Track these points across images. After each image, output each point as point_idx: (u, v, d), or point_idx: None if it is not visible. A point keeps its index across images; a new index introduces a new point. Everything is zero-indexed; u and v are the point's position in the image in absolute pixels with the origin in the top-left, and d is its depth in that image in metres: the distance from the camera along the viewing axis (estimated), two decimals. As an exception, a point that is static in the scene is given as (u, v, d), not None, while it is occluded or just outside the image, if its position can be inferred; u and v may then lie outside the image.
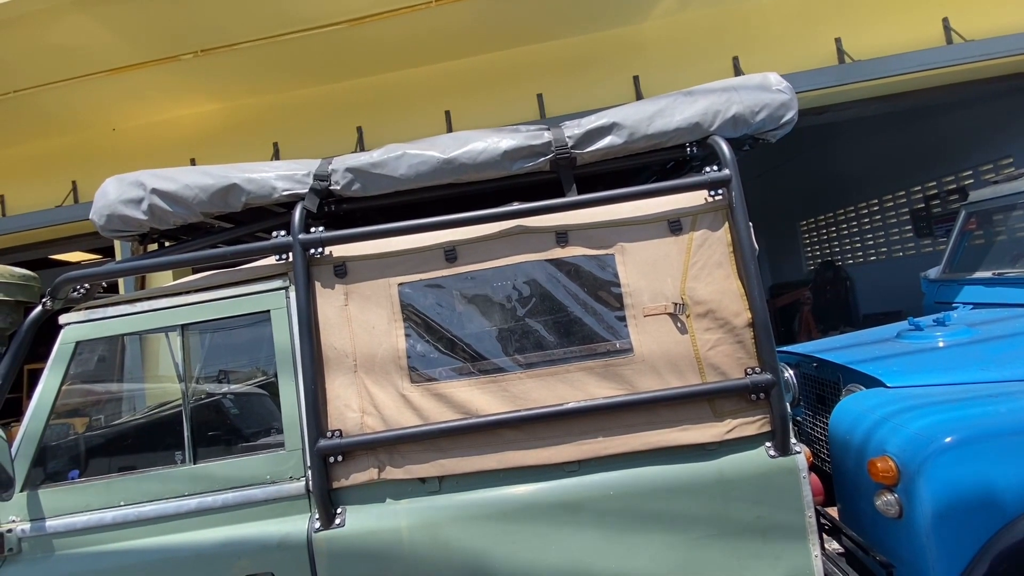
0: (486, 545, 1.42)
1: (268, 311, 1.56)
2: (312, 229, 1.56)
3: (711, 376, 1.46)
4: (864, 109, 4.60)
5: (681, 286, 1.49)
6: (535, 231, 1.54)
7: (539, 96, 4.36)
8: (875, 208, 7.39)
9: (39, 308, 1.60)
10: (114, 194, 1.66)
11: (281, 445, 1.51)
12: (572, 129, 1.63)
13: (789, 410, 1.47)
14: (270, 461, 1.51)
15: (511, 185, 1.77)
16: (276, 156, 4.15)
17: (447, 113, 4.26)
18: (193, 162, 4.30)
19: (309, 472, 1.47)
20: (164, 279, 2.26)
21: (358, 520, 1.45)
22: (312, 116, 4.19)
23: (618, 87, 4.32)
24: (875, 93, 4.30)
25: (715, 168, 1.54)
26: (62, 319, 1.59)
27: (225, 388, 1.68)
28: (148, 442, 1.69)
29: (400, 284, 1.56)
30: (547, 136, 1.61)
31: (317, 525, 1.44)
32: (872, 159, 7.08)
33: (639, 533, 1.42)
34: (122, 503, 1.50)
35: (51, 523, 1.50)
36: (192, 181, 1.63)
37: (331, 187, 1.62)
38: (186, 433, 1.54)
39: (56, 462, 1.57)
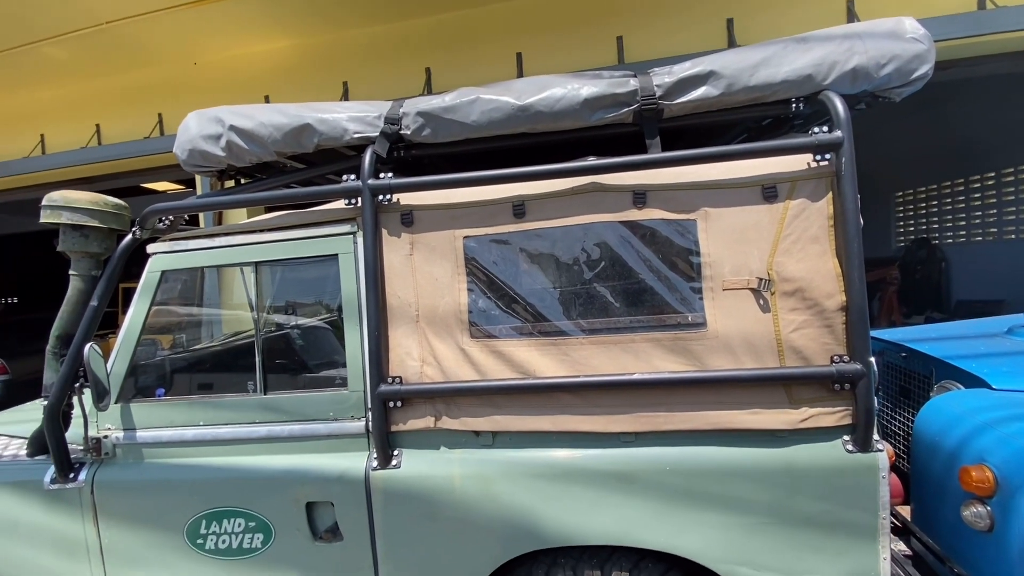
0: (534, 503, 1.42)
1: (336, 255, 1.57)
2: (381, 175, 1.53)
3: (791, 360, 1.34)
4: (1000, 66, 3.96)
5: (769, 260, 1.36)
6: (611, 189, 1.44)
7: (619, 39, 4.05)
8: (990, 182, 6.54)
9: (129, 236, 1.69)
10: (195, 129, 1.69)
11: (344, 385, 1.56)
12: (662, 77, 1.47)
13: (876, 405, 1.34)
14: (333, 399, 1.56)
15: (585, 137, 1.66)
16: (345, 96, 4.15)
17: (518, 56, 4.06)
18: (267, 99, 4.39)
19: (369, 413, 1.52)
20: (240, 216, 2.35)
21: (413, 464, 1.50)
22: (381, 55, 4.12)
23: (708, 32, 3.93)
24: (1019, 47, 3.67)
25: (824, 129, 1.35)
26: (150, 248, 1.68)
27: (294, 326, 1.75)
28: (225, 369, 1.80)
29: (465, 237, 1.51)
30: (633, 84, 1.47)
31: (375, 464, 1.50)
32: (995, 126, 6.19)
33: (693, 511, 1.37)
34: (201, 423, 1.62)
35: (140, 434, 1.65)
36: (267, 119, 1.63)
37: (401, 131, 1.58)
38: (257, 365, 1.62)
39: (145, 380, 1.71)
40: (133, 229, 1.68)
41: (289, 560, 1.56)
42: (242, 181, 1.97)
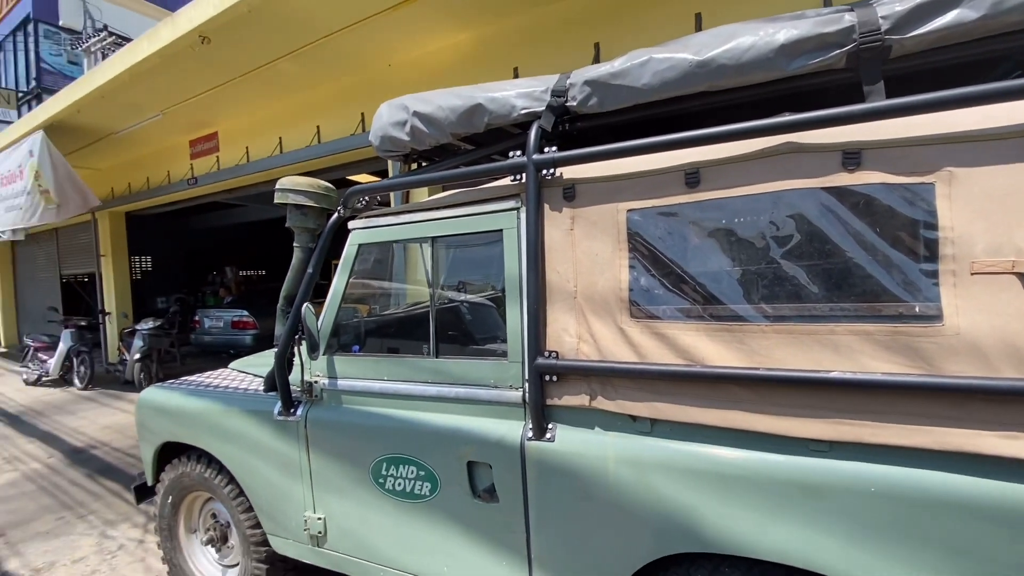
0: (695, 503, 1.30)
1: (501, 230, 1.62)
2: (546, 149, 1.52)
3: (1080, 373, 0.98)
4: None
5: (1049, 236, 1.00)
6: (812, 149, 1.21)
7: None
8: None
9: (335, 215, 1.97)
10: (386, 117, 1.89)
11: (504, 355, 1.61)
12: (890, 6, 1.17)
13: None
14: (494, 368, 1.63)
15: (774, 95, 1.43)
16: (516, 82, 4.27)
17: (697, 16, 3.69)
18: (448, 92, 4.77)
19: (526, 384, 1.54)
20: (423, 196, 2.59)
21: (567, 439, 1.48)
22: (548, 36, 4.13)
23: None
24: None
25: None
26: (350, 225, 1.94)
27: (464, 297, 1.88)
28: (405, 333, 2.01)
29: (629, 210, 1.42)
30: (848, 19, 1.20)
31: (530, 434, 1.53)
32: None
33: (902, 548, 1.11)
34: (385, 378, 1.84)
35: (340, 382, 1.94)
36: (444, 103, 1.74)
37: (567, 103, 1.54)
38: (431, 331, 1.77)
39: (345, 338, 2.00)
40: (338, 208, 1.96)
41: (451, 512, 1.69)
42: (423, 164, 2.15)
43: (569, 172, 1.51)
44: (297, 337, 1.95)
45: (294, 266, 2.05)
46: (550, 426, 1.52)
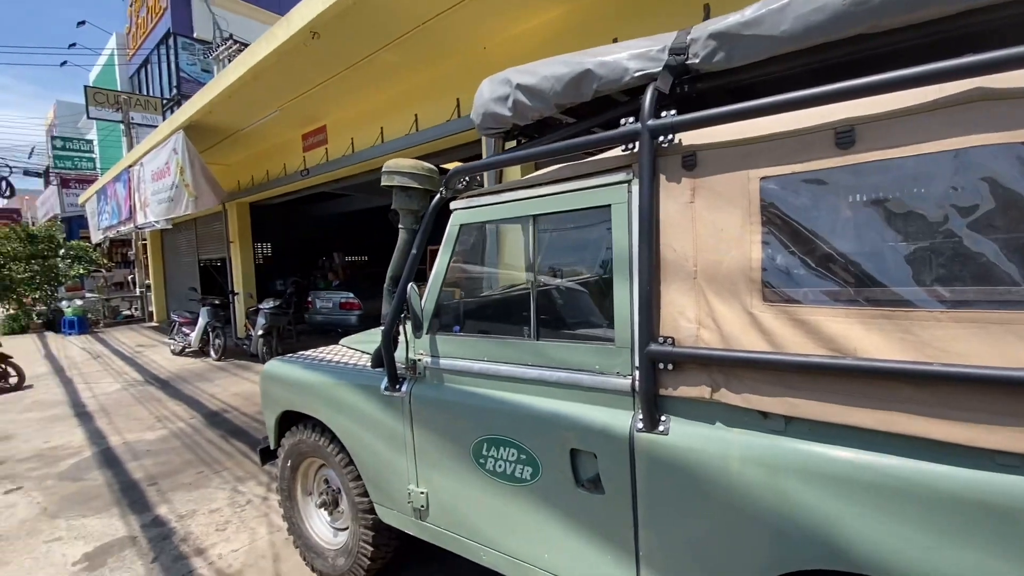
0: (842, 515, 1.13)
1: (609, 205, 1.52)
2: (663, 114, 1.39)
3: None
4: None
5: None
6: (1012, 96, 0.97)
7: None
8: None
9: (437, 196, 1.98)
10: (487, 93, 1.84)
11: (611, 340, 1.52)
12: None
13: None
14: (599, 353, 1.54)
15: (942, 37, 1.17)
16: (613, 56, 4.06)
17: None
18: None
19: (636, 372, 1.44)
20: (511, 177, 2.54)
21: (683, 434, 1.36)
22: (648, 3, 3.86)
23: None
24: None
25: None
26: (451, 205, 1.94)
27: (566, 277, 1.80)
28: (506, 314, 1.98)
29: (763, 178, 1.25)
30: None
31: (640, 425, 1.42)
32: None
33: None
34: (485, 359, 1.82)
35: (442, 361, 1.96)
36: (549, 72, 1.65)
37: (688, 61, 1.39)
38: (532, 312, 1.71)
39: (446, 317, 2.01)
40: (440, 189, 1.96)
41: (553, 499, 1.64)
42: (521, 142, 2.09)
43: (689, 138, 1.36)
44: (403, 316, 1.99)
45: (399, 247, 2.09)
46: (663, 418, 1.40)
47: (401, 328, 2.01)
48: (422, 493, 2.04)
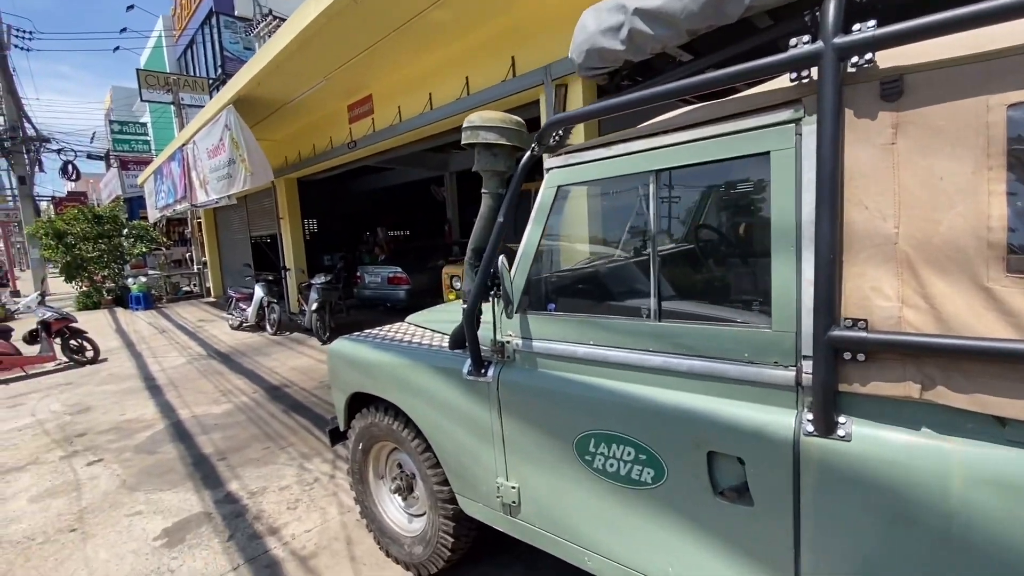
0: None
1: (767, 153, 1.20)
2: (855, 27, 1.06)
3: None
4: None
5: None
6: None
7: None
8: None
9: (527, 153, 1.71)
10: (593, 25, 1.54)
11: (766, 323, 1.23)
12: None
13: None
14: (749, 338, 1.26)
15: None
16: None
17: None
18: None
19: (804, 363, 1.15)
20: (581, 137, 2.21)
21: (872, 440, 1.08)
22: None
23: None
24: None
25: None
26: (547, 163, 1.67)
27: (700, 245, 1.50)
28: (616, 290, 1.71)
29: (1013, 106, 0.92)
30: None
31: (810, 428, 1.15)
32: None
33: None
34: (591, 342, 1.57)
35: (536, 344, 1.72)
36: (681, -11, 1.33)
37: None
38: (652, 288, 1.44)
39: (540, 294, 1.76)
40: (532, 145, 1.69)
41: (682, 507, 1.40)
42: (624, 85, 1.78)
43: (890, 59, 1.03)
44: (490, 294, 1.76)
45: (483, 214, 1.85)
46: (842, 420, 1.12)
47: (491, 305, 1.78)
48: (513, 488, 1.84)
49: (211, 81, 17.74)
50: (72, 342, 7.17)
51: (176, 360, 7.32)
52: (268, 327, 8.82)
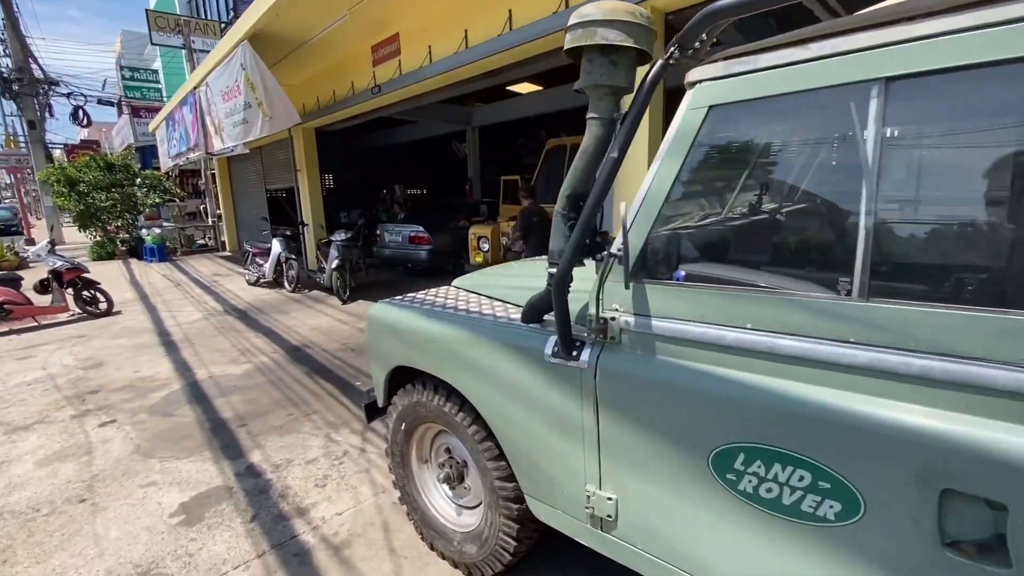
0: None
1: None
2: None
3: None
4: None
5: None
6: None
7: None
8: None
9: (660, 62, 1.24)
10: None
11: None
12: None
13: None
14: (1043, 333, 0.83)
15: None
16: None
17: None
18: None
19: None
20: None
21: None
22: None
23: None
24: None
25: None
26: (691, 75, 1.21)
27: (939, 192, 1.04)
28: (793, 254, 1.27)
29: None
30: None
31: None
32: None
33: None
34: (748, 325, 1.15)
35: (657, 323, 1.31)
36: None
37: None
38: (858, 253, 1.00)
39: (668, 257, 1.33)
40: (670, 51, 1.22)
41: (884, 555, 1.01)
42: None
43: None
44: (595, 255, 1.34)
45: (586, 148, 1.40)
46: None
47: (581, 272, 1.36)
48: (609, 500, 1.47)
49: (223, 25, 16.92)
50: (85, 293, 6.92)
51: (192, 315, 7.06)
52: (286, 284, 8.52)
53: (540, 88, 10.07)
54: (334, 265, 7.44)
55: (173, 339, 5.90)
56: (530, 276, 2.19)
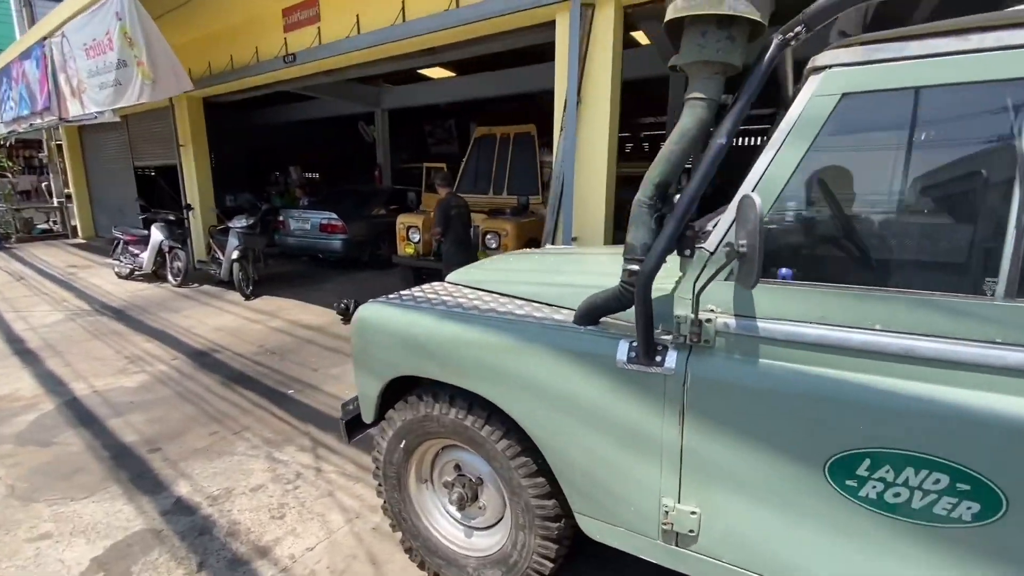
0: None
1: None
2: None
3: None
4: None
5: None
6: None
7: None
8: None
9: (778, 40, 1.14)
10: None
11: None
12: None
13: None
14: None
15: None
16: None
17: None
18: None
19: None
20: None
21: None
22: None
23: None
24: None
25: None
26: (820, 59, 1.12)
27: None
28: (929, 251, 1.24)
29: None
30: None
31: None
32: None
33: None
34: (877, 326, 1.11)
35: (764, 325, 1.22)
36: None
37: None
38: (1006, 249, 0.99)
39: (781, 253, 1.25)
40: (797, 30, 1.13)
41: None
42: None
43: None
44: (686, 252, 1.21)
45: (686, 132, 1.26)
46: None
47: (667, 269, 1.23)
48: (692, 514, 1.37)
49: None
50: None
51: (50, 316, 5.78)
52: (170, 277, 7.33)
53: (453, 75, 9.71)
54: (234, 256, 6.55)
55: (29, 346, 4.77)
56: (551, 271, 2.02)
